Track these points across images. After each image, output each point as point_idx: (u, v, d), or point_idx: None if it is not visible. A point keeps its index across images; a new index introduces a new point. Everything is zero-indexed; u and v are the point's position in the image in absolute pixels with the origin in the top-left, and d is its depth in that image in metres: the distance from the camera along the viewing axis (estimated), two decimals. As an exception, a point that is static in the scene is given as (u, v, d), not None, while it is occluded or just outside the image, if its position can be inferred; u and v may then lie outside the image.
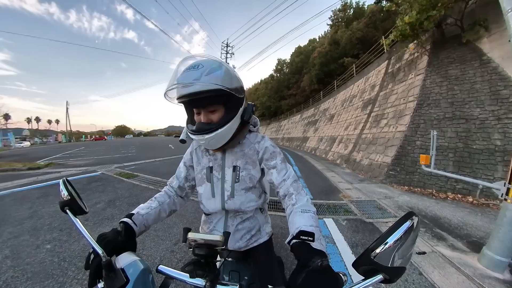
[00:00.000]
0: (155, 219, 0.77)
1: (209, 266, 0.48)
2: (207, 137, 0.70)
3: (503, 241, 1.76)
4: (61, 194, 0.62)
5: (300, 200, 0.70)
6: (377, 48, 9.97)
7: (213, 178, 0.83)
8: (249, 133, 0.87)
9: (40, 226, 2.55)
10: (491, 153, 4.00)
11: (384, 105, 7.03)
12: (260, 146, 0.83)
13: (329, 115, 13.28)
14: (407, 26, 5.42)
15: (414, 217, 0.36)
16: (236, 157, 0.82)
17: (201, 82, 0.63)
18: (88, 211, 0.66)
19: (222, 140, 0.74)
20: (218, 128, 0.69)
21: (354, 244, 2.24)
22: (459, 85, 4.92)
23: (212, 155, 0.86)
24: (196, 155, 0.90)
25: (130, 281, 0.47)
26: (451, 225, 2.69)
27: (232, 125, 0.73)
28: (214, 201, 0.83)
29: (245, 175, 0.81)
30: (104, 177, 5.41)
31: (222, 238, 0.46)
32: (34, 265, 1.76)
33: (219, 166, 0.84)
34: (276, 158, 0.81)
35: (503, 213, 1.78)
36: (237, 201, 0.82)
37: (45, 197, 3.72)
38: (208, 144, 0.75)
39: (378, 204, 3.46)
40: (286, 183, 0.75)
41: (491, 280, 1.69)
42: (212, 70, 0.65)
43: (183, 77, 0.65)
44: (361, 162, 6.49)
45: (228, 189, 0.81)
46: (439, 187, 4.19)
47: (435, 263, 1.91)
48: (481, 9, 5.02)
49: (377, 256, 0.35)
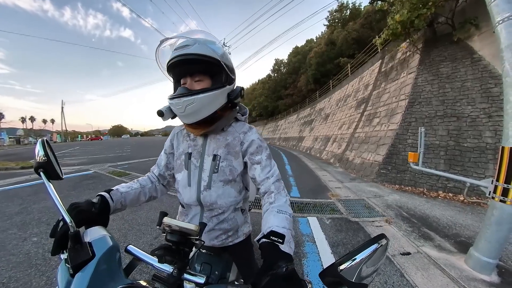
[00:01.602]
0: (132, 200, 0.76)
1: (179, 253, 0.47)
2: (184, 99, 0.66)
3: (490, 242, 1.67)
4: (36, 154, 0.58)
5: (279, 200, 0.67)
6: (371, 48, 9.97)
7: (191, 166, 0.78)
8: (235, 121, 0.83)
9: (29, 221, 2.61)
10: (482, 151, 3.95)
11: (377, 104, 6.98)
12: (246, 138, 0.78)
13: (324, 114, 13.25)
14: (398, 25, 5.37)
15: (384, 239, 0.37)
16: (218, 145, 0.77)
17: (197, 45, 0.66)
18: (63, 178, 0.61)
19: (202, 110, 0.69)
20: (200, 92, 0.67)
21: (335, 243, 2.14)
22: (450, 83, 4.87)
23: (193, 140, 0.82)
24: (176, 140, 0.87)
25: (95, 256, 0.44)
26: (440, 225, 2.60)
27: (216, 97, 0.70)
28: (189, 190, 0.78)
29: (225, 165, 0.76)
30: (96, 175, 5.48)
31: (197, 228, 0.45)
32: (20, 256, 1.87)
33: (198, 153, 0.79)
34: (261, 153, 0.76)
35: (490, 212, 1.69)
36: (214, 194, 0.76)
37: (36, 194, 3.79)
38: (184, 112, 0.68)
39: (367, 203, 3.36)
40: (269, 181, 0.72)
41: (477, 282, 1.60)
42: (207, 41, 0.69)
43: (180, 42, 0.68)
44: (354, 161, 6.41)
45: (205, 179, 0.76)
46: (430, 185, 4.12)
47: (419, 264, 1.81)
48: (472, 8, 4.99)
49: (344, 270, 0.35)
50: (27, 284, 1.52)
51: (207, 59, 0.67)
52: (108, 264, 0.46)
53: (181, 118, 0.74)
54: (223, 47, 0.73)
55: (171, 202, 3.34)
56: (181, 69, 0.70)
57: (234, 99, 0.75)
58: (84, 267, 0.43)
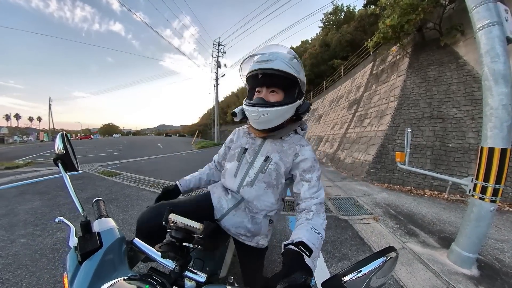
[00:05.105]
0: (195, 184, 1.04)
1: (182, 250, 0.48)
2: (260, 110, 0.73)
3: (470, 237, 1.75)
4: (56, 147, 0.63)
5: (316, 220, 0.68)
6: (364, 50, 10.18)
7: (243, 160, 0.84)
8: (294, 133, 0.86)
9: (16, 222, 2.57)
10: (466, 151, 4.12)
11: (368, 105, 7.15)
12: (301, 151, 0.80)
13: (318, 115, 13.42)
14: (389, 29, 5.53)
15: (393, 252, 0.36)
16: (273, 148, 0.82)
17: (277, 61, 0.71)
18: (80, 170, 0.69)
19: (273, 121, 0.75)
20: (274, 105, 0.73)
21: (324, 240, 2.15)
22: (437, 86, 5.06)
23: (252, 138, 0.88)
24: (237, 136, 0.95)
25: (103, 246, 0.47)
26: (425, 221, 2.70)
27: (287, 111, 0.75)
28: (234, 181, 0.83)
29: (273, 169, 0.79)
30: (86, 175, 5.30)
31: (201, 227, 0.46)
32: (8, 257, 1.85)
33: (254, 151, 0.84)
34: (313, 173, 0.78)
35: (470, 209, 1.77)
36: (254, 192, 0.79)
37: (22, 195, 3.65)
38: (258, 120, 0.75)
39: (356, 201, 3.44)
40: (312, 201, 0.73)
41: (458, 276, 1.67)
42: (287, 57, 0.74)
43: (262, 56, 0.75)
44: (345, 161, 6.54)
45: (251, 176, 0.80)
46: (417, 184, 4.26)
47: (404, 259, 1.88)
48: (458, 14, 5.20)
49: (348, 282, 0.34)
50: (18, 284, 1.49)
51: (284, 75, 0.71)
52: (114, 254, 0.48)
53: (254, 124, 0.81)
54: (300, 63, 0.78)
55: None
56: (260, 80, 0.76)
57: (301, 114, 0.80)
58: (91, 256, 0.45)
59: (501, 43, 1.60)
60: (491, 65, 1.64)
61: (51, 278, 1.56)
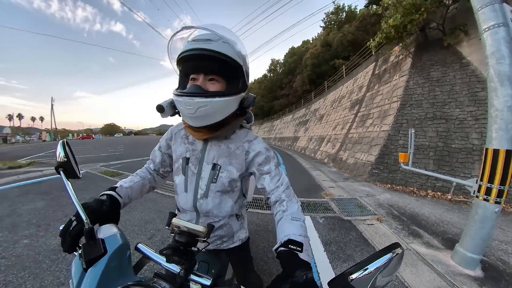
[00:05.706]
0: (137, 193, 0.77)
1: (186, 254, 0.48)
2: (198, 100, 0.58)
3: (474, 238, 1.75)
4: (57, 154, 0.63)
5: (291, 207, 0.66)
6: (366, 51, 10.15)
7: (188, 172, 0.75)
8: (239, 128, 0.77)
9: (19, 223, 2.58)
10: (469, 152, 4.11)
11: (370, 106, 7.13)
12: (251, 147, 0.73)
13: (319, 115, 13.40)
14: (391, 29, 5.51)
15: (399, 248, 0.36)
16: (219, 153, 0.72)
17: (220, 43, 0.59)
18: (81, 176, 0.66)
19: (214, 116, 0.63)
20: (216, 95, 0.60)
21: (328, 241, 2.19)
22: (440, 86, 5.04)
23: (191, 144, 0.76)
24: (174, 141, 0.81)
25: (107, 252, 0.46)
26: (428, 222, 2.70)
27: (231, 103, 0.64)
28: (186, 196, 0.76)
29: (224, 176, 0.72)
30: (88, 175, 5.31)
31: (205, 230, 0.46)
32: (11, 258, 1.84)
33: (197, 159, 0.74)
34: (270, 163, 0.73)
35: (474, 210, 1.77)
36: (210, 203, 0.74)
37: (25, 195, 3.67)
38: (194, 114, 0.60)
39: (359, 202, 3.44)
40: (279, 189, 0.70)
41: (462, 277, 1.67)
42: (232, 41, 0.63)
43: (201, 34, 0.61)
44: (347, 161, 6.53)
45: (202, 188, 0.73)
46: (420, 185, 4.25)
47: (408, 260, 1.88)
48: (462, 15, 5.17)
49: (354, 280, 0.35)
50: (21, 287, 1.49)
51: (228, 60, 0.60)
52: (119, 260, 0.48)
53: (187, 119, 0.66)
54: (245, 51, 0.68)
55: (165, 202, 3.32)
56: (196, 64, 0.62)
57: (246, 108, 0.71)
58: (96, 263, 0.45)
59: (507, 45, 1.60)
60: (497, 67, 1.64)
61: (55, 280, 1.54)
